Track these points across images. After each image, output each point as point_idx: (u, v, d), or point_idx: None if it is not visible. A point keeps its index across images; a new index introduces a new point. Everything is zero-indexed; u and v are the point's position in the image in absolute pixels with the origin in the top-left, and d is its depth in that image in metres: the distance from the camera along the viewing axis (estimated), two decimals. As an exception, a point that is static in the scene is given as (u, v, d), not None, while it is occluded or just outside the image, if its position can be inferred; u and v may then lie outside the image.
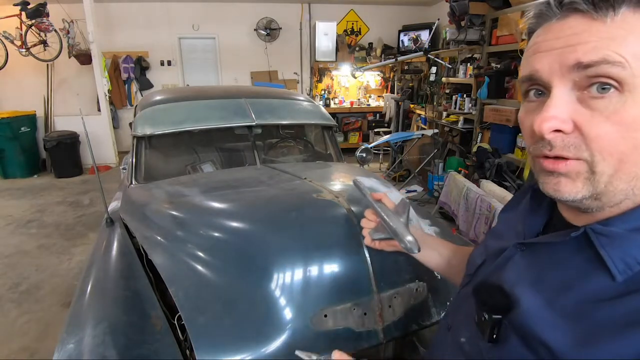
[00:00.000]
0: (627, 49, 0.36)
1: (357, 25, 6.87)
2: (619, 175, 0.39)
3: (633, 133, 0.37)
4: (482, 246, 0.65)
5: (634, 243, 0.39)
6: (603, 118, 0.37)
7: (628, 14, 0.36)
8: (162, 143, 1.89)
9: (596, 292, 0.40)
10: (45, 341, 1.98)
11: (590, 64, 0.37)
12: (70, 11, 5.53)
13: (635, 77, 0.36)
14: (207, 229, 1.15)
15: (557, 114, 0.39)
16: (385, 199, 0.86)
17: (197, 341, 0.86)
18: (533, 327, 0.43)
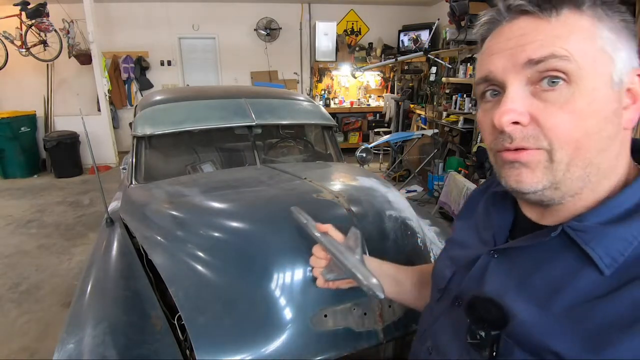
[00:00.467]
0: (571, 45, 0.39)
1: (357, 25, 6.87)
2: (575, 162, 0.41)
3: (584, 121, 0.40)
4: (445, 258, 0.63)
5: (611, 235, 0.41)
6: (556, 108, 0.40)
7: (569, 15, 0.40)
8: (162, 143, 1.89)
9: (587, 289, 0.41)
10: (45, 341, 1.98)
11: (540, 59, 0.40)
12: (70, 11, 5.53)
13: (581, 69, 0.39)
14: (207, 229, 1.15)
15: (514, 107, 0.41)
16: (332, 231, 0.73)
17: (197, 341, 0.86)
18: (538, 337, 0.42)
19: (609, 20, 0.41)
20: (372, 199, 1.20)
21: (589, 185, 0.42)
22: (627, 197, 0.42)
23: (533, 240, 0.46)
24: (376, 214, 1.13)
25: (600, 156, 0.41)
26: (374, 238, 1.06)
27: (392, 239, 1.11)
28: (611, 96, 0.41)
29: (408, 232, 1.16)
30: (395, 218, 1.15)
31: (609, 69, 0.40)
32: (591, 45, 0.40)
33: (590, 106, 0.40)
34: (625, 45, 0.41)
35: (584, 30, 0.40)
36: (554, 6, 0.40)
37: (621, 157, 0.44)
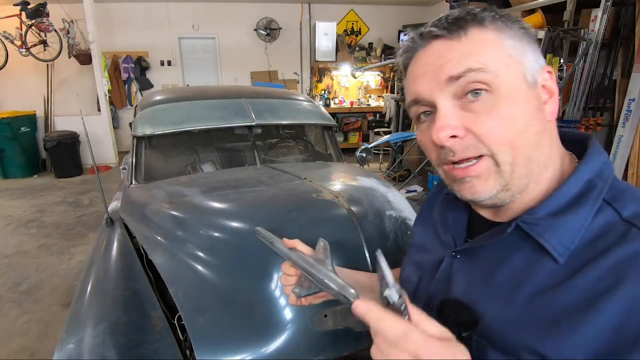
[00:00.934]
0: (483, 57, 0.43)
1: (357, 25, 6.87)
2: (517, 161, 0.44)
3: (513, 121, 0.43)
4: (411, 263, 0.64)
5: (561, 225, 0.43)
6: (485, 116, 0.43)
7: (475, 32, 0.45)
8: (162, 143, 1.89)
9: (546, 279, 0.43)
10: (45, 341, 1.98)
11: (459, 75, 0.44)
12: (70, 11, 5.53)
13: (497, 77, 0.43)
14: (207, 229, 1.15)
15: (448, 122, 0.45)
16: (300, 245, 0.71)
17: (197, 341, 0.86)
18: (506, 334, 0.44)
19: (509, 30, 0.45)
20: (372, 199, 1.20)
21: (533, 179, 0.46)
22: (570, 185, 0.45)
23: (491, 238, 0.49)
24: (376, 214, 1.13)
25: (537, 151, 0.45)
26: (374, 238, 1.06)
27: (392, 239, 1.11)
28: (529, 94, 0.45)
29: (408, 232, 1.16)
30: (395, 218, 1.15)
31: (520, 71, 0.45)
32: (500, 54, 0.44)
33: (514, 107, 0.43)
34: (529, 48, 0.46)
35: (491, 42, 0.44)
36: (461, 27, 0.45)
37: (553, 148, 0.47)
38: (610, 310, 0.37)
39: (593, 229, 0.42)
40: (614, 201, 0.43)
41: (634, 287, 0.37)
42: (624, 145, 2.72)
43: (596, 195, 0.44)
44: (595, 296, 0.39)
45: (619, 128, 2.74)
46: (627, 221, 0.41)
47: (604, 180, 0.45)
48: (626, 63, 2.76)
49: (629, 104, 2.66)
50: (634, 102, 2.63)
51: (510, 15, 0.46)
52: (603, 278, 0.39)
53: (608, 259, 0.40)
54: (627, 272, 0.38)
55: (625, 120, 2.69)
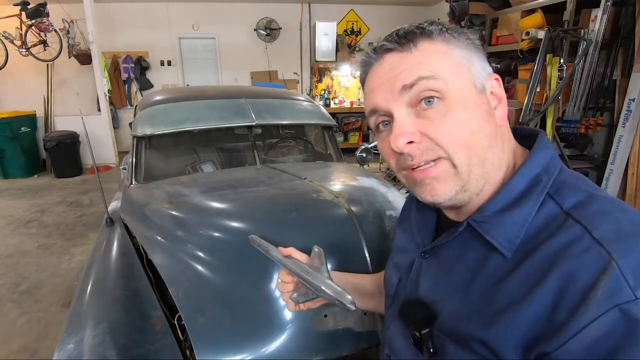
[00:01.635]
0: (433, 66, 0.46)
1: (357, 25, 6.87)
2: (473, 162, 0.46)
3: (465, 124, 0.46)
4: (392, 265, 0.66)
5: (506, 221, 0.46)
6: (439, 121, 0.46)
7: (424, 44, 0.47)
8: (162, 143, 1.89)
9: (495, 273, 0.45)
10: (45, 341, 1.98)
11: (412, 83, 0.46)
12: (70, 11, 5.53)
13: (447, 84, 0.46)
14: (207, 229, 1.15)
15: (404, 129, 0.47)
16: (295, 253, 0.73)
17: (197, 341, 0.86)
18: (459, 327, 0.47)
19: (456, 40, 0.49)
20: (372, 199, 1.20)
21: (489, 180, 0.48)
22: (517, 182, 0.47)
23: (448, 237, 0.52)
24: (376, 214, 1.13)
25: (490, 152, 0.47)
26: (374, 238, 1.06)
27: (392, 238, 1.11)
28: (479, 100, 0.48)
29: (408, 232, 1.16)
30: (395, 218, 1.15)
31: (469, 78, 0.48)
32: (449, 62, 0.47)
33: (465, 111, 0.46)
34: (476, 57, 0.49)
35: (440, 52, 0.47)
36: (410, 40, 0.48)
37: (505, 150, 0.50)
38: (541, 298, 0.40)
39: (537, 222, 0.45)
40: (555, 194, 0.45)
41: (562, 274, 0.39)
42: (624, 145, 2.71)
43: (540, 190, 0.46)
44: (530, 286, 0.41)
45: (619, 128, 2.74)
46: (566, 213, 0.43)
47: (549, 175, 0.47)
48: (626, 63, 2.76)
49: (629, 104, 2.66)
50: (634, 102, 2.63)
51: (456, 27, 0.50)
52: (538, 269, 0.41)
53: (545, 250, 0.42)
54: (556, 262, 0.40)
55: (625, 120, 2.69)
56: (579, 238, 0.40)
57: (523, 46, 2.96)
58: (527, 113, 2.90)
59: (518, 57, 3.16)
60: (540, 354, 0.39)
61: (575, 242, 0.40)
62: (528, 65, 2.98)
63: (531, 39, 2.84)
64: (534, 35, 2.80)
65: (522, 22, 3.02)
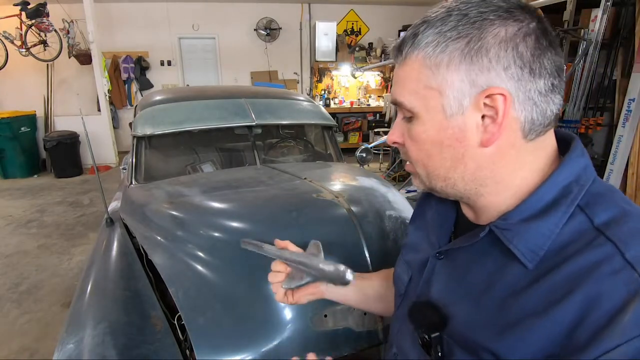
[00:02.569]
0: (405, 90, 0.47)
1: (357, 25, 6.87)
2: (431, 177, 0.50)
3: (422, 146, 0.48)
4: (402, 263, 0.65)
5: (531, 231, 0.44)
6: (408, 136, 0.50)
7: (410, 58, 0.47)
8: (162, 143, 1.89)
9: (514, 283, 0.44)
10: (45, 341, 1.98)
11: (393, 102, 0.50)
12: (70, 11, 5.53)
13: (414, 108, 0.47)
14: (207, 229, 1.15)
15: (394, 132, 0.52)
16: (291, 246, 0.73)
17: (197, 341, 0.86)
18: (470, 335, 0.46)
19: (440, 54, 0.44)
20: (372, 199, 1.20)
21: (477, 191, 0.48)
22: (545, 191, 0.45)
23: (467, 241, 0.50)
24: (376, 214, 1.13)
25: (454, 172, 0.47)
26: (374, 238, 1.06)
27: (392, 238, 1.11)
28: (445, 125, 0.45)
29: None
30: (395, 218, 1.15)
31: (438, 102, 0.45)
32: (418, 86, 0.46)
33: (424, 135, 0.47)
34: (463, 72, 0.43)
35: (413, 73, 0.46)
36: (401, 52, 0.48)
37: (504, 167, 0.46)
38: (561, 317, 0.38)
39: (564, 235, 0.42)
40: (587, 207, 0.43)
41: (588, 293, 0.37)
42: (624, 145, 2.71)
43: (570, 201, 0.43)
44: (550, 303, 0.39)
45: (619, 128, 2.74)
46: (597, 229, 0.40)
47: (580, 186, 0.44)
48: (626, 63, 2.76)
49: (629, 104, 2.66)
50: (634, 102, 2.63)
51: (457, 27, 0.43)
52: (561, 285, 0.39)
53: (570, 266, 0.40)
54: (581, 282, 0.38)
55: (625, 120, 2.69)
56: (610, 258, 0.38)
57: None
58: (527, 113, 2.90)
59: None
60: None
61: (606, 261, 0.38)
62: (528, 65, 2.97)
63: (531, 39, 2.84)
64: (534, 35, 2.80)
65: None
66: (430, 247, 0.58)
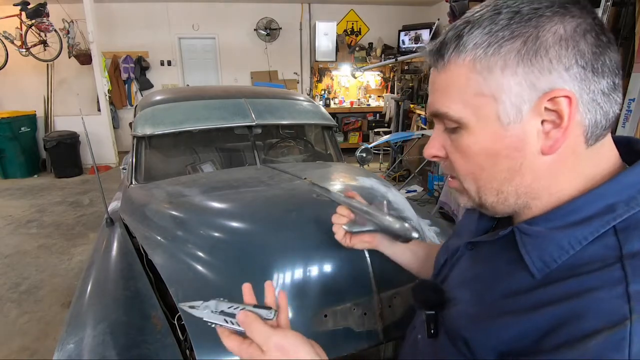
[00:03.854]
0: (450, 99, 0.44)
1: (357, 25, 6.87)
2: (483, 191, 0.47)
3: (473, 159, 0.45)
4: (445, 245, 0.66)
5: (552, 241, 0.41)
6: (455, 149, 0.47)
7: (452, 62, 0.43)
8: (162, 143, 1.89)
9: (516, 288, 0.43)
10: (45, 341, 1.98)
11: (434, 113, 0.47)
12: (70, 11, 5.53)
13: (463, 118, 0.43)
14: (207, 229, 1.15)
15: (433, 145, 0.49)
16: (358, 197, 0.80)
17: (197, 341, 0.86)
18: (455, 323, 0.48)
19: (492, 57, 0.40)
20: (372, 199, 1.20)
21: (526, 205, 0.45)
22: (585, 203, 0.41)
23: (490, 237, 0.50)
24: (376, 214, 1.13)
25: (509, 185, 0.44)
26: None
27: (392, 239, 1.11)
28: (501, 134, 0.42)
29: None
30: (395, 218, 1.15)
31: (492, 109, 0.42)
32: (467, 94, 0.43)
33: (476, 146, 0.44)
34: (523, 71, 0.39)
35: (460, 80, 0.43)
36: (442, 56, 0.44)
37: (558, 177, 0.43)
38: (539, 320, 0.38)
39: (585, 253, 0.39)
40: (623, 232, 0.38)
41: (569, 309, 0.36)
42: (624, 145, 2.72)
43: (606, 220, 0.39)
44: (538, 306, 0.39)
45: (619, 128, 2.74)
46: (620, 256, 0.37)
47: (629, 208, 0.38)
48: (626, 63, 2.76)
49: (629, 104, 2.66)
50: (634, 102, 2.63)
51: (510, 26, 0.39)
52: (554, 298, 0.38)
53: (573, 283, 0.38)
54: (576, 295, 0.36)
55: (625, 120, 2.69)
56: (613, 285, 0.35)
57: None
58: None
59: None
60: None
61: (607, 287, 0.35)
62: (528, 65, 2.97)
63: (531, 39, 2.84)
64: (534, 35, 2.80)
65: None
66: (469, 235, 0.58)
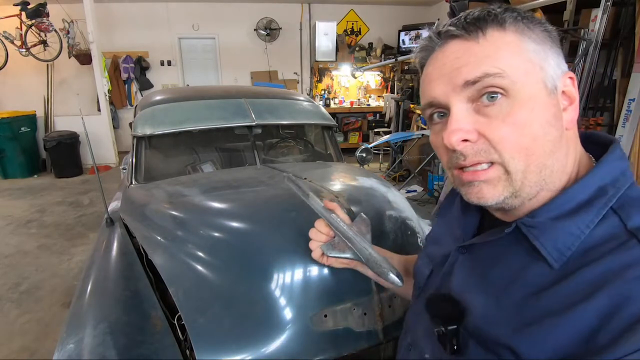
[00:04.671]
0: (501, 61, 0.42)
1: (357, 25, 6.87)
2: (530, 169, 0.43)
3: (529, 128, 0.42)
4: (424, 256, 0.64)
5: (560, 230, 0.42)
6: (499, 122, 0.42)
7: (494, 34, 0.43)
8: (162, 143, 1.89)
9: (537, 282, 0.42)
10: (45, 341, 1.98)
11: (475, 80, 0.42)
12: (70, 11, 5.53)
13: (515, 83, 0.42)
14: (207, 229, 1.15)
15: (460, 126, 0.43)
16: (339, 211, 0.72)
17: (197, 341, 0.86)
18: (487, 330, 0.45)
19: (531, 32, 0.43)
20: (372, 199, 1.20)
21: (545, 187, 0.45)
22: (579, 191, 0.43)
23: (491, 237, 0.49)
24: (376, 214, 1.13)
25: (552, 158, 0.44)
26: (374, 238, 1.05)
27: (392, 239, 1.11)
28: (548, 102, 0.43)
29: (408, 232, 1.16)
30: (395, 218, 1.15)
31: (540, 77, 0.43)
32: (519, 58, 0.42)
33: (531, 114, 0.42)
34: (551, 52, 0.44)
35: (511, 46, 0.43)
36: (480, 28, 0.43)
37: (569, 156, 0.46)
38: (584, 318, 0.37)
39: (594, 236, 0.41)
40: (620, 209, 0.41)
41: (611, 298, 0.36)
42: (624, 145, 2.71)
43: (604, 202, 0.42)
44: (573, 302, 0.38)
45: (619, 128, 2.73)
46: (630, 232, 0.39)
47: (616, 189, 0.43)
48: (626, 63, 2.76)
49: (629, 104, 2.66)
50: (634, 102, 2.62)
51: (533, 16, 0.44)
52: (586, 286, 0.38)
53: (598, 267, 0.39)
54: (607, 284, 0.37)
55: (625, 120, 2.69)
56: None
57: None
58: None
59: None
60: None
61: (636, 265, 0.37)
62: (528, 65, 2.97)
63: (531, 39, 2.84)
64: (534, 35, 2.80)
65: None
66: (453, 241, 0.57)
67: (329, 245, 0.68)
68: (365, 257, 0.62)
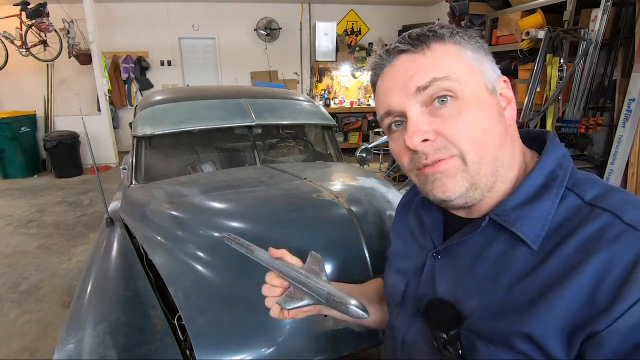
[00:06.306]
0: (446, 68, 0.48)
1: (357, 25, 6.87)
2: (484, 160, 0.47)
3: (478, 124, 0.47)
4: (393, 273, 0.64)
5: (530, 214, 0.47)
6: (453, 120, 0.47)
7: (437, 46, 0.49)
8: (162, 143, 1.89)
9: (523, 266, 0.46)
10: (45, 341, 1.98)
11: (426, 85, 0.47)
12: (70, 11, 5.53)
13: (461, 84, 0.47)
14: (207, 229, 1.14)
15: (419, 127, 0.48)
16: (287, 256, 0.65)
17: (197, 341, 0.86)
18: (492, 325, 0.46)
19: (467, 43, 0.50)
20: (372, 199, 1.20)
21: (500, 178, 0.49)
22: (534, 177, 0.49)
23: (467, 234, 0.51)
24: (376, 214, 1.13)
25: (501, 151, 0.49)
26: (374, 238, 1.06)
27: (392, 239, 1.11)
28: (491, 100, 0.49)
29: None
30: (395, 218, 1.15)
31: (481, 79, 0.49)
32: (461, 64, 0.49)
33: (479, 111, 0.47)
34: (486, 59, 0.51)
35: (452, 54, 0.49)
36: (424, 42, 0.49)
37: (515, 149, 0.51)
38: (581, 281, 0.40)
39: (560, 214, 0.46)
40: (575, 187, 0.47)
41: (601, 258, 0.40)
42: (624, 145, 2.71)
43: (559, 183, 0.47)
44: (567, 272, 0.42)
45: (619, 128, 2.73)
46: (589, 204, 0.45)
47: (564, 170, 0.49)
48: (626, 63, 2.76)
49: (629, 104, 2.66)
50: (634, 102, 2.62)
51: (466, 31, 0.52)
52: (573, 255, 0.42)
53: (576, 238, 0.43)
54: (592, 249, 0.41)
55: (625, 120, 2.69)
56: (610, 224, 0.42)
57: (523, 46, 2.96)
58: (527, 113, 2.90)
59: (518, 57, 3.16)
60: (591, 334, 0.39)
61: (608, 228, 0.41)
62: (528, 65, 2.98)
63: (531, 39, 2.84)
64: (534, 35, 2.80)
65: (522, 22, 3.02)
66: (422, 250, 0.58)
67: (285, 298, 0.62)
68: (324, 297, 0.56)
